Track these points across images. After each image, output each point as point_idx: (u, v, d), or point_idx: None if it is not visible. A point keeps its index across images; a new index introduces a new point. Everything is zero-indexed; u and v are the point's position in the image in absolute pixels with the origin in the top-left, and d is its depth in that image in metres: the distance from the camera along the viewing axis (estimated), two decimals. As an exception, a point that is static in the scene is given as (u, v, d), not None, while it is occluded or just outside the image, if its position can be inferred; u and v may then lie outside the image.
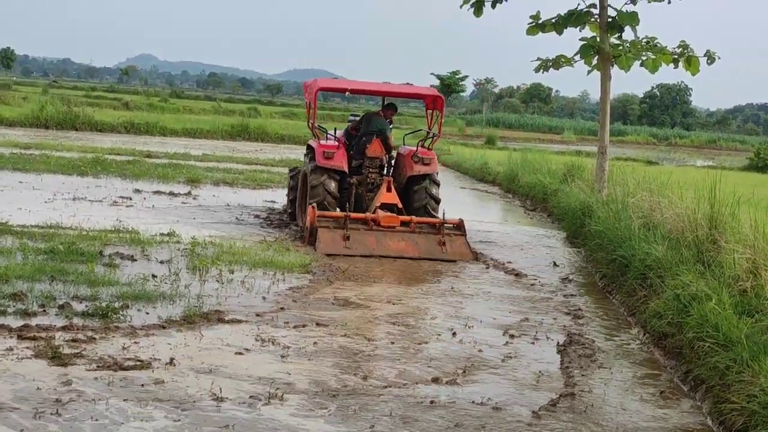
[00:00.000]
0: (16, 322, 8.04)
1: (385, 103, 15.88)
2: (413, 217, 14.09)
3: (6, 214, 13.47)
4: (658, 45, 16.92)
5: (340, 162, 14.34)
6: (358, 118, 15.71)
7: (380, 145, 14.82)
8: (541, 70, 17.91)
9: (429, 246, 13.67)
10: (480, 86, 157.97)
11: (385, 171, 15.12)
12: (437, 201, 14.77)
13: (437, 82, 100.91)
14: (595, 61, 17.06)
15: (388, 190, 14.32)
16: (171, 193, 18.41)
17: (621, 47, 16.94)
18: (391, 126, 15.51)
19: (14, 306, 8.53)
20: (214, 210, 16.58)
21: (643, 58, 16.93)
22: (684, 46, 16.95)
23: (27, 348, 7.38)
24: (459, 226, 14.09)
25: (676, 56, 16.91)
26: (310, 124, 15.48)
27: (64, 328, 7.98)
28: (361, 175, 14.80)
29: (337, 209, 14.38)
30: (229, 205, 17.39)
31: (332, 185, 14.31)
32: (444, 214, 14.18)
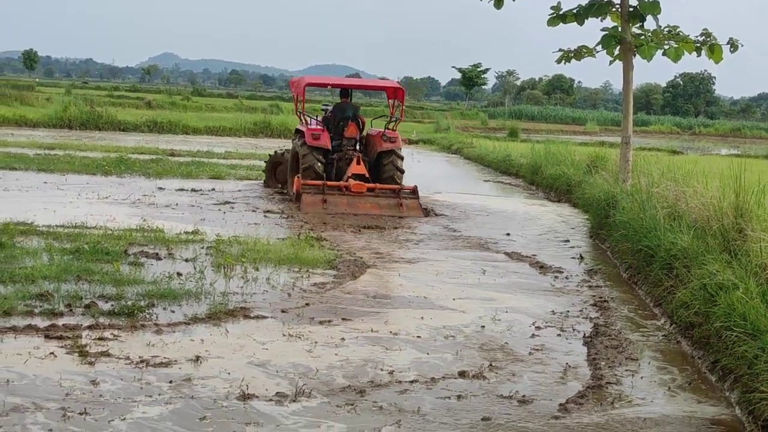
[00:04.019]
0: (43, 322, 8.09)
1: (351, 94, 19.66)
2: (377, 185, 17.64)
3: (31, 215, 13.55)
4: (681, 34, 16.72)
5: (325, 142, 17.76)
6: (330, 107, 19.16)
7: (356, 127, 18.31)
8: (563, 61, 17.81)
9: (389, 206, 17.19)
10: (502, 78, 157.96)
11: (358, 147, 18.40)
12: (402, 172, 18.27)
13: (459, 75, 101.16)
14: (617, 52, 16.92)
15: (358, 163, 17.80)
16: (194, 191, 18.48)
17: (643, 37, 16.77)
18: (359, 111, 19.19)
19: (41, 306, 8.59)
20: (239, 207, 16.61)
21: (666, 47, 16.74)
22: (707, 34, 16.76)
23: (54, 347, 7.43)
24: (414, 191, 17.62)
25: (698, 45, 16.70)
26: (298, 113, 19.07)
27: (90, 327, 8.02)
28: (341, 152, 18.14)
29: (324, 178, 17.57)
30: (252, 202, 17.43)
31: (320, 159, 17.69)
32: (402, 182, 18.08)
